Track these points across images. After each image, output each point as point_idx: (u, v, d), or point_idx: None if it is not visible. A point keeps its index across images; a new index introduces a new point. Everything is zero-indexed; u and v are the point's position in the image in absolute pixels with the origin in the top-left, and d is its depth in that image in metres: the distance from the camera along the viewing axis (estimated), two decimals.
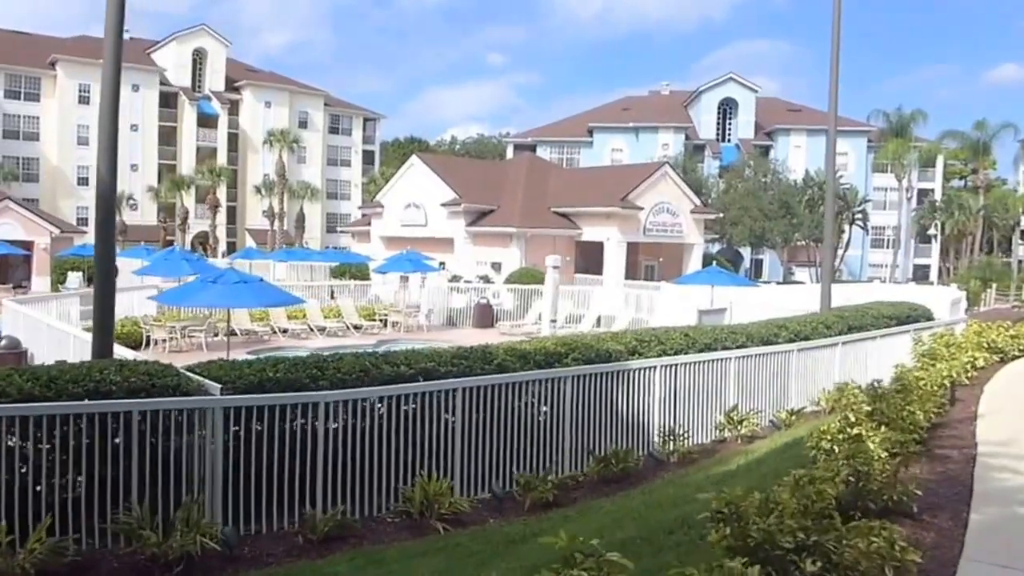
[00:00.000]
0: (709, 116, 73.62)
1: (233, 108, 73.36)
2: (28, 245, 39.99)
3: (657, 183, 36.99)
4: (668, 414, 11.67)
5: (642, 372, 11.35)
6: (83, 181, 66.51)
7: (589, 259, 37.38)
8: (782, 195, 54.06)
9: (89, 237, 61.75)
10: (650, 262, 40.64)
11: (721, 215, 48.77)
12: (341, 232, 60.00)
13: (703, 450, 11.80)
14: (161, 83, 69.44)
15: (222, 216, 72.16)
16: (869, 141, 70.58)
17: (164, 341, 19.54)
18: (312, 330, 24.43)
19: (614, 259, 35.24)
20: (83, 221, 65.94)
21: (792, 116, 75.39)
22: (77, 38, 71.40)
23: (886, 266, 64.27)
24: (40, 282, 38.88)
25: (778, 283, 51.12)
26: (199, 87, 72.69)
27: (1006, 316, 35.01)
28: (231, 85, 73.79)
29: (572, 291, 30.61)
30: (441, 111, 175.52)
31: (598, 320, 26.92)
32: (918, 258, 73.02)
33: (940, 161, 74.79)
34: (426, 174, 38.52)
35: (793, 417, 13.03)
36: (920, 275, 70.20)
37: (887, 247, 66.85)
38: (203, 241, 67.24)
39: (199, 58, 72.43)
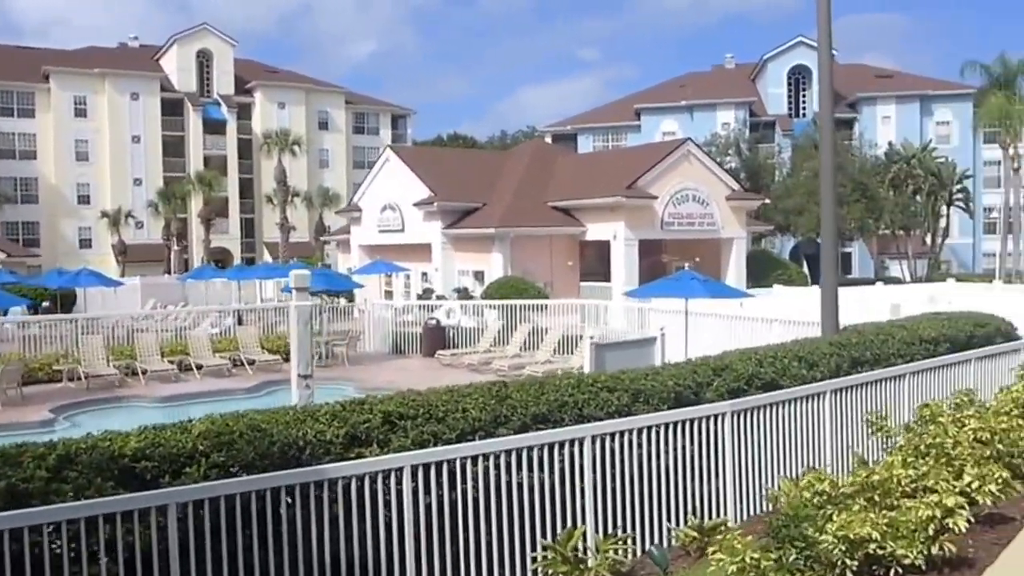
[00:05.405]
0: (778, 88, 67.04)
1: (244, 112, 70.78)
2: None
3: (678, 165, 31.44)
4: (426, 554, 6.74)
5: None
6: (83, 200, 64.93)
7: (606, 262, 32.15)
8: (858, 175, 47.37)
9: (93, 258, 59.93)
10: (682, 263, 35.09)
11: (767, 202, 42.54)
12: (324, 241, 55.83)
13: None
14: (164, 89, 67.30)
15: (236, 230, 69.74)
16: (975, 107, 62.63)
17: None
18: (192, 368, 20.19)
19: (622, 261, 29.94)
20: (86, 243, 64.57)
21: (880, 83, 68.04)
22: (82, 49, 70.18)
23: (1003, 256, 56.15)
24: None
25: (869, 282, 43.89)
26: (207, 91, 70.33)
27: None
28: (242, 87, 71.21)
29: (558, 305, 25.54)
30: (532, 110, 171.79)
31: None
32: None
33: None
34: (401, 170, 34.08)
35: (705, 539, 7.71)
36: None
37: (999, 232, 58.72)
38: (218, 259, 64.54)
39: (204, 60, 70.07)
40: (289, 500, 6.18)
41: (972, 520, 5.42)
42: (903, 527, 4.85)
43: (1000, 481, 5.74)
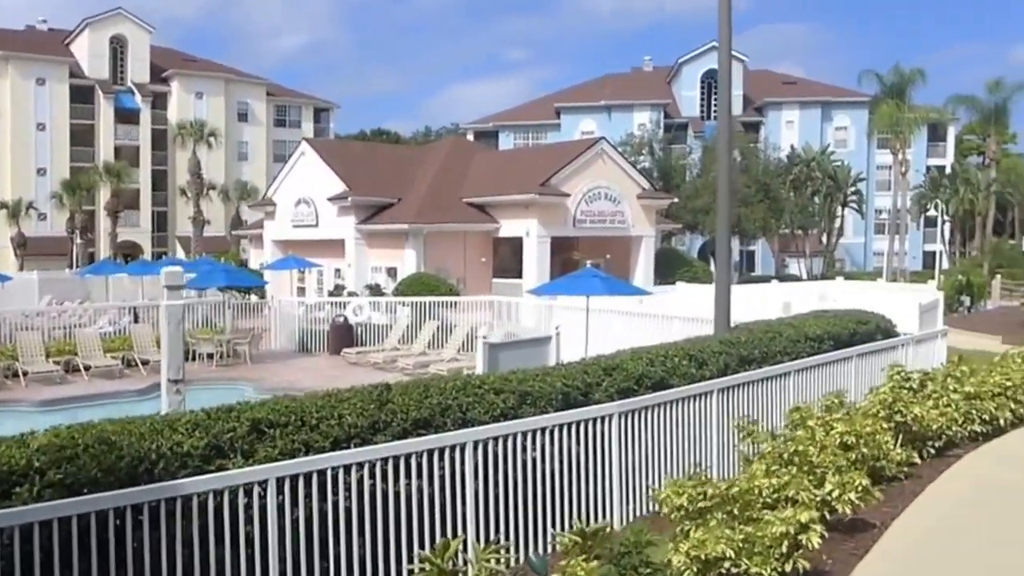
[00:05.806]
0: (692, 91, 67.90)
1: (159, 101, 68.10)
2: None
3: (591, 164, 31.33)
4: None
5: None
6: None
7: (519, 259, 31.82)
8: (763, 176, 48.26)
9: None
10: (594, 261, 35.05)
11: (676, 200, 42.99)
12: (239, 236, 53.52)
13: None
14: (73, 75, 64.24)
15: (148, 223, 67.26)
16: (870, 114, 64.66)
17: None
18: (80, 369, 19.03)
19: (534, 258, 29.70)
20: None
21: (785, 89, 69.63)
22: None
23: (890, 255, 58.11)
24: None
25: (768, 280, 44.74)
26: (121, 79, 67.47)
27: (1015, 319, 29.06)
28: (159, 76, 68.57)
29: (469, 302, 25.04)
30: (460, 108, 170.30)
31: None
32: (928, 244, 66.86)
33: (952, 134, 68.70)
34: (317, 163, 33.13)
35: (588, 544, 7.41)
36: (930, 263, 64.27)
37: (887, 232, 60.79)
38: (128, 253, 61.92)
39: (119, 47, 67.19)
40: (140, 519, 5.62)
41: (827, 534, 5.26)
42: (759, 543, 4.63)
43: (860, 489, 5.61)
